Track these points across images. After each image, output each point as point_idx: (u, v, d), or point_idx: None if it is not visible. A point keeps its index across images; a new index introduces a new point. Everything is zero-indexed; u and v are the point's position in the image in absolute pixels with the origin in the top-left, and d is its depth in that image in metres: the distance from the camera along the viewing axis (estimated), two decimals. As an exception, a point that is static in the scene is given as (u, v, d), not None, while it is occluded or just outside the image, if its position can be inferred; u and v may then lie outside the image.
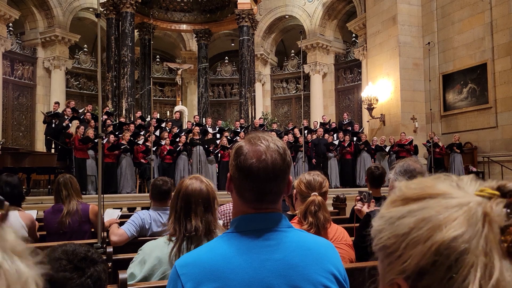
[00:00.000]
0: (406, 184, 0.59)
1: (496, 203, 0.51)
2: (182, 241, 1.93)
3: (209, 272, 1.04)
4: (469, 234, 0.50)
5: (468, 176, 0.58)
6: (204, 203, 1.96)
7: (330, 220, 2.14)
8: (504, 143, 12.08)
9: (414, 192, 0.56)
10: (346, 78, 18.02)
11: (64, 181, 3.67)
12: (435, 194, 0.54)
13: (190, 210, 1.94)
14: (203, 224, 1.93)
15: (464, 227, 0.50)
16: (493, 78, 12.30)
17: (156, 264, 1.97)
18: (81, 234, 3.68)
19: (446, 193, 0.54)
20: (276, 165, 1.10)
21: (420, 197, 0.55)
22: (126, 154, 10.59)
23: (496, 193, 0.52)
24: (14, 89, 15.53)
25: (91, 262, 1.20)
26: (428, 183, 0.57)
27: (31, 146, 15.52)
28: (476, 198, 0.52)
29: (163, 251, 1.98)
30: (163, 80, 19.60)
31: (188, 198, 1.95)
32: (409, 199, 0.56)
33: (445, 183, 0.56)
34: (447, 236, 0.50)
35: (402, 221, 0.54)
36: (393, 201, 0.58)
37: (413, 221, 0.53)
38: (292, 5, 18.72)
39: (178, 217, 1.96)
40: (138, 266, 2.00)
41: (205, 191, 1.97)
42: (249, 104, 14.89)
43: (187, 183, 1.99)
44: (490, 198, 0.52)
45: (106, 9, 14.36)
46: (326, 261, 1.13)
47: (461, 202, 0.52)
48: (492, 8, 12.33)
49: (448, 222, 0.51)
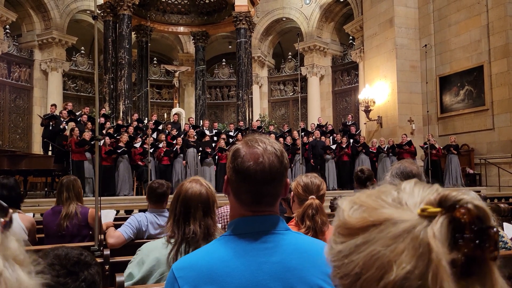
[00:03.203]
0: (347, 209, 0.55)
1: (439, 223, 0.48)
2: (180, 244, 1.93)
3: (206, 275, 1.04)
4: (420, 268, 0.46)
5: (409, 183, 0.55)
6: (203, 207, 1.95)
7: (328, 223, 2.14)
8: (501, 145, 12.12)
9: (356, 221, 0.52)
10: (343, 80, 18.06)
11: (67, 182, 3.64)
12: (378, 222, 0.51)
13: (189, 214, 1.94)
14: (201, 229, 1.92)
15: (413, 260, 0.47)
16: (490, 81, 12.35)
17: (155, 265, 1.97)
18: (81, 238, 3.65)
19: (389, 218, 0.50)
20: (274, 167, 1.10)
21: (363, 226, 0.51)
22: (124, 157, 10.58)
23: (438, 210, 0.49)
24: (11, 91, 15.49)
25: (84, 265, 1.19)
26: (369, 206, 0.53)
27: (28, 149, 15.47)
28: (420, 221, 0.49)
29: (161, 253, 1.97)
30: (161, 83, 19.59)
31: (187, 202, 1.94)
32: (353, 228, 0.52)
33: (386, 202, 0.53)
34: (398, 274, 0.47)
35: (351, 258, 0.51)
36: (337, 226, 0.55)
37: (362, 259, 0.50)
38: (289, 8, 18.76)
39: (177, 220, 1.95)
40: (137, 267, 2.00)
41: (204, 195, 1.96)
42: (246, 106, 14.90)
43: (187, 186, 1.98)
44: (432, 217, 0.49)
45: (103, 12, 14.34)
46: (323, 264, 1.11)
47: (405, 229, 0.49)
48: (489, 11, 12.38)
49: (397, 257, 0.47)
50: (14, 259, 0.50)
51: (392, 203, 0.52)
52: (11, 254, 0.49)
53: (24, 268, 0.50)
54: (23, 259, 0.51)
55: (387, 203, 0.52)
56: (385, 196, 0.54)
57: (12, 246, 0.50)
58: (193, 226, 1.92)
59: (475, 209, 0.48)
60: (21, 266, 0.50)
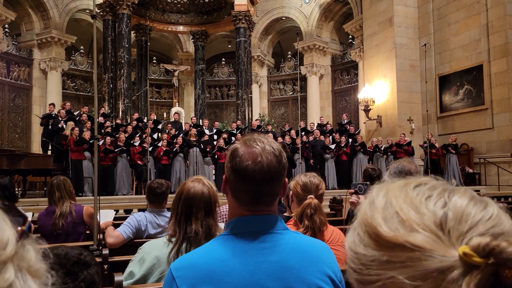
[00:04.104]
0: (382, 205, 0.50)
1: (479, 278, 0.41)
2: (181, 243, 1.93)
3: (204, 275, 1.04)
4: None
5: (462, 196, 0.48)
6: (205, 207, 1.95)
7: (326, 223, 2.14)
8: (500, 144, 12.12)
9: (387, 234, 0.47)
10: (343, 80, 18.06)
11: (57, 182, 3.65)
12: (411, 246, 0.45)
13: (191, 214, 1.94)
14: (203, 228, 1.93)
15: None
16: (489, 80, 12.35)
17: (155, 264, 1.98)
18: (76, 235, 3.66)
19: (424, 248, 0.44)
20: (272, 167, 1.09)
21: (393, 242, 0.46)
22: (123, 156, 10.57)
23: (483, 261, 0.41)
24: (10, 90, 15.48)
25: (84, 265, 1.19)
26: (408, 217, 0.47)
27: (27, 148, 15.46)
28: (458, 264, 0.42)
29: (162, 251, 1.98)
30: (160, 82, 19.58)
31: (189, 202, 1.94)
32: (382, 238, 0.47)
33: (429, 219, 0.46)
34: None
35: (370, 271, 0.47)
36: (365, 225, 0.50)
37: (382, 280, 0.46)
38: (289, 7, 18.75)
39: (179, 220, 1.95)
40: (138, 265, 2.01)
41: (206, 195, 1.96)
42: (246, 105, 14.90)
43: (189, 186, 1.98)
44: (474, 267, 0.42)
45: (103, 11, 14.33)
46: (322, 263, 1.12)
47: (439, 268, 0.43)
48: (488, 10, 12.38)
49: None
50: (28, 270, 0.48)
51: (432, 227, 0.45)
52: (25, 265, 0.48)
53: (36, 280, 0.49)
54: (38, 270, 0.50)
55: (426, 225, 0.46)
56: (427, 208, 0.47)
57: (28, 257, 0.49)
58: (194, 225, 1.92)
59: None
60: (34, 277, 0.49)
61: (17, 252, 0.48)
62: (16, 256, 0.47)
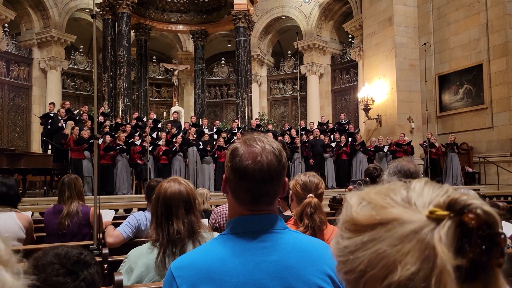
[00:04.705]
0: (355, 205, 0.55)
1: (447, 227, 0.47)
2: (166, 246, 1.91)
3: (204, 274, 1.04)
4: (425, 271, 0.46)
5: (419, 182, 0.55)
6: (184, 205, 1.94)
7: (326, 222, 2.14)
8: (500, 144, 12.12)
9: (364, 218, 0.53)
10: (343, 79, 18.07)
11: (68, 181, 3.65)
12: (386, 221, 0.51)
13: (171, 214, 1.93)
14: (185, 227, 1.92)
15: (418, 262, 0.47)
16: (489, 79, 12.35)
17: (144, 271, 1.94)
18: (81, 236, 3.66)
19: (396, 218, 0.50)
20: (272, 166, 1.09)
21: (370, 224, 0.52)
22: (122, 155, 10.57)
23: (446, 213, 0.48)
24: (9, 90, 15.47)
25: (84, 265, 1.19)
26: (378, 205, 0.53)
27: (27, 147, 15.46)
28: (427, 223, 0.49)
29: (149, 258, 1.95)
30: (160, 81, 19.58)
31: (167, 202, 1.93)
32: (360, 225, 0.53)
33: (395, 201, 0.53)
34: (403, 275, 0.47)
35: (356, 254, 0.52)
36: (344, 222, 0.56)
37: (367, 257, 0.50)
38: (289, 6, 18.75)
39: (160, 222, 1.94)
40: (126, 275, 1.98)
41: (184, 193, 1.96)
42: (245, 105, 14.90)
43: (165, 186, 1.97)
44: (440, 220, 0.48)
45: (102, 10, 14.32)
46: (322, 263, 1.12)
47: (412, 230, 0.49)
48: (488, 9, 12.37)
49: (402, 257, 0.48)
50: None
51: (400, 202, 0.52)
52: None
53: (8, 269, 0.49)
54: (8, 259, 0.50)
55: (395, 202, 0.53)
56: (394, 194, 0.54)
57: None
58: (176, 225, 1.91)
59: (484, 215, 0.47)
60: (6, 266, 0.49)
61: None
62: None
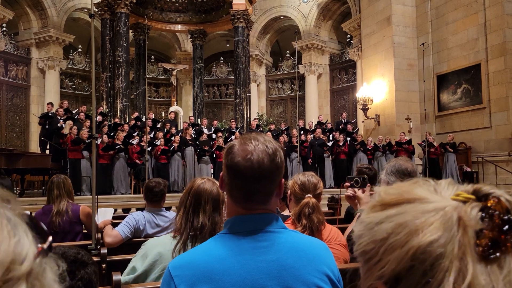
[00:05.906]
0: (384, 190, 0.59)
1: (471, 207, 0.51)
2: (187, 237, 1.95)
3: (203, 274, 1.04)
4: (445, 238, 0.50)
5: (445, 180, 0.59)
6: (213, 202, 1.99)
7: (324, 222, 2.14)
8: (498, 143, 12.14)
9: (391, 197, 0.56)
10: (341, 79, 18.07)
11: (57, 180, 3.67)
12: (412, 199, 0.54)
13: (199, 206, 1.98)
14: (209, 222, 1.96)
15: (440, 231, 0.50)
16: (487, 79, 12.36)
17: (157, 260, 2.01)
18: (73, 234, 3.67)
19: (423, 198, 0.54)
20: (262, 165, 1.09)
21: (397, 202, 0.55)
22: (120, 155, 10.55)
23: (471, 197, 0.52)
24: (8, 89, 15.44)
25: (81, 264, 1.19)
26: (406, 188, 0.57)
27: (25, 147, 15.43)
28: (452, 203, 0.52)
29: (165, 248, 2.01)
30: (158, 81, 19.55)
31: (199, 195, 1.99)
32: (387, 204, 0.56)
33: (423, 188, 0.56)
34: (423, 241, 0.50)
35: (380, 226, 0.54)
36: (372, 206, 0.58)
37: (390, 227, 0.53)
38: (287, 6, 18.75)
39: (187, 212, 1.99)
40: (140, 260, 2.05)
41: (215, 192, 2.01)
42: (244, 104, 14.89)
43: (199, 182, 2.03)
44: (465, 202, 0.52)
45: (101, 10, 14.30)
46: (319, 262, 1.12)
47: (437, 207, 0.52)
48: (486, 9, 12.39)
49: (425, 227, 0.51)
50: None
51: (427, 188, 0.56)
52: (39, 284, 0.46)
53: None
54: None
55: (422, 188, 0.56)
56: (421, 184, 0.57)
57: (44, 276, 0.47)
58: (202, 218, 1.95)
59: (506, 202, 0.51)
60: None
61: (33, 269, 0.45)
62: (31, 274, 0.45)
